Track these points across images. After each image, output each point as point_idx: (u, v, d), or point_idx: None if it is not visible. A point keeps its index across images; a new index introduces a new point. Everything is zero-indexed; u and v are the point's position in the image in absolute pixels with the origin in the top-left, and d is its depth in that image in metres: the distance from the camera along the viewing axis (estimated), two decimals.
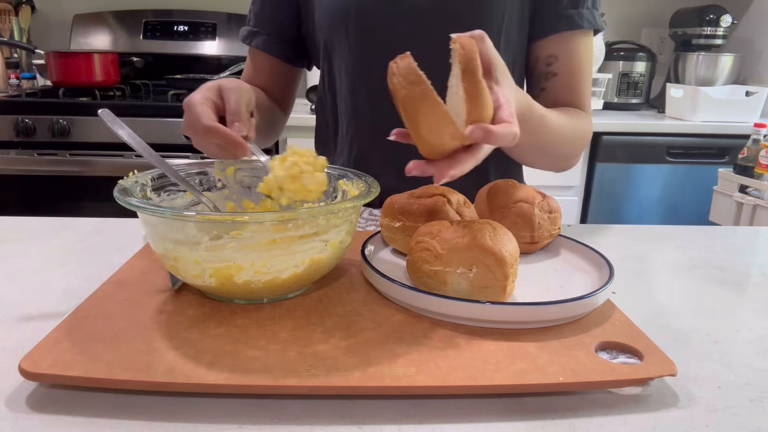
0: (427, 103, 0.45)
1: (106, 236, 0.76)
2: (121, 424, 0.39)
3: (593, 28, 0.81)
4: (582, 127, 0.82)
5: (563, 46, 0.81)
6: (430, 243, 0.53)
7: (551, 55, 0.82)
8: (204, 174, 0.66)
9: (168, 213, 0.48)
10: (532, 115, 0.64)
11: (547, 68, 0.83)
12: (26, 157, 1.85)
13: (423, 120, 0.45)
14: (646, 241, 0.81)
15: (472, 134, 0.45)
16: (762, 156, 1.70)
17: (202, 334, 0.47)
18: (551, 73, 0.83)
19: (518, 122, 0.60)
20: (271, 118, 0.92)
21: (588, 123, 0.84)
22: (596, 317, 0.51)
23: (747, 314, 0.59)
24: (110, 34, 2.34)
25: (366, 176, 0.61)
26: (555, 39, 0.81)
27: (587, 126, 0.84)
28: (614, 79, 2.30)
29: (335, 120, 0.91)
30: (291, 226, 0.49)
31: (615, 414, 0.41)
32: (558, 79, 0.83)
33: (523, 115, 0.60)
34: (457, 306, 0.49)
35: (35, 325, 0.52)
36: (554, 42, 0.81)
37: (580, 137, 0.82)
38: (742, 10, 2.41)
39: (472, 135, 0.45)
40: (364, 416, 0.40)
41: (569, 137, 0.78)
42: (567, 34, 0.80)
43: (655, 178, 2.08)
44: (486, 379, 0.42)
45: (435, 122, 0.45)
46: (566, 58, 0.82)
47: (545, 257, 0.66)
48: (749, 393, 0.44)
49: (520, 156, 0.80)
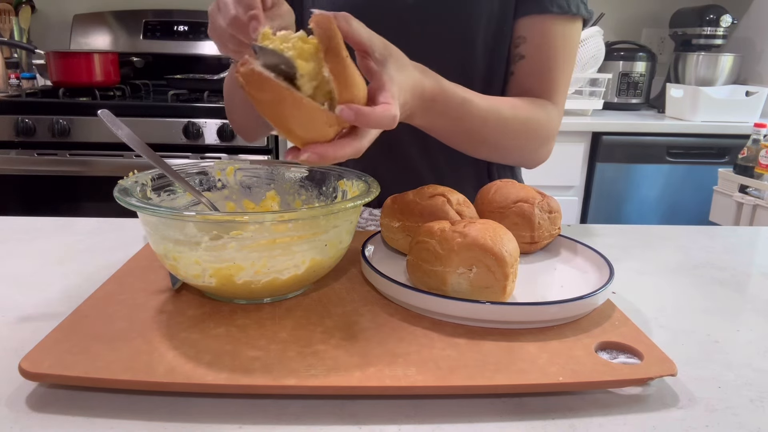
0: (287, 103, 0.41)
1: (106, 236, 0.76)
2: (121, 424, 0.39)
3: (565, 13, 0.75)
4: (537, 118, 0.75)
5: (533, 28, 0.76)
6: (430, 243, 0.53)
7: (520, 36, 0.78)
8: (204, 174, 0.66)
9: (168, 213, 0.48)
10: (448, 98, 0.62)
11: (515, 50, 0.79)
12: (26, 157, 1.85)
13: (292, 121, 0.43)
14: (646, 241, 0.81)
15: (342, 114, 0.42)
16: (762, 156, 1.70)
17: (202, 334, 0.47)
18: (518, 55, 0.78)
19: (424, 104, 0.58)
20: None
21: (550, 115, 0.77)
22: (596, 317, 0.51)
23: (747, 314, 0.59)
24: (110, 34, 2.34)
25: (366, 176, 0.61)
26: (526, 21, 0.77)
27: (546, 118, 0.76)
28: (614, 79, 2.30)
29: None
30: (291, 226, 0.49)
31: (615, 414, 0.41)
32: (525, 63, 0.78)
33: (431, 96, 0.59)
34: (457, 306, 0.49)
35: (35, 325, 0.52)
36: (524, 24, 0.77)
37: (530, 129, 0.75)
38: (742, 10, 2.41)
39: (342, 115, 0.42)
40: (364, 416, 0.40)
41: (512, 127, 0.72)
42: (539, 17, 0.76)
43: (655, 178, 2.08)
44: (486, 379, 0.42)
45: (304, 117, 0.42)
46: (536, 42, 0.77)
47: (545, 257, 0.66)
48: (749, 393, 0.44)
49: (451, 143, 0.74)
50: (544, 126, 0.77)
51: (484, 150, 0.76)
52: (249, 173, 0.68)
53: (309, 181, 0.67)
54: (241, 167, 0.67)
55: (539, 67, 0.77)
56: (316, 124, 0.43)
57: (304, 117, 0.42)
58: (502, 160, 0.83)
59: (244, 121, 0.91)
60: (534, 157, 0.80)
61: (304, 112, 0.42)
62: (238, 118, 0.91)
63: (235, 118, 0.91)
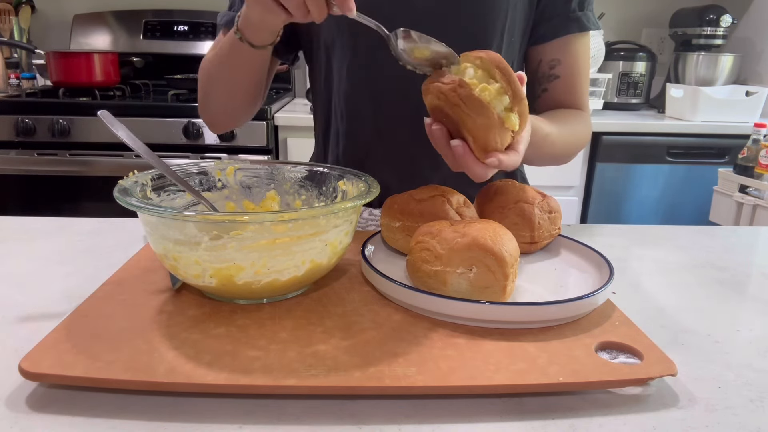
0: (495, 126, 0.52)
1: (106, 236, 0.76)
2: (121, 424, 0.39)
3: (587, 30, 0.83)
4: (583, 131, 0.85)
5: (567, 48, 0.83)
6: (430, 243, 0.53)
7: (555, 58, 0.84)
8: (204, 174, 0.66)
9: (168, 213, 0.48)
10: (537, 135, 0.67)
11: (550, 71, 0.85)
12: (26, 157, 1.85)
13: (487, 136, 0.53)
14: (647, 241, 0.81)
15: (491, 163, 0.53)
16: (762, 156, 1.70)
17: (202, 334, 0.47)
18: (554, 75, 0.85)
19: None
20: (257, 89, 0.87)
21: (588, 124, 0.87)
22: (596, 317, 0.51)
23: (747, 314, 0.59)
24: (110, 34, 2.34)
25: (366, 176, 0.61)
26: (561, 42, 0.83)
27: (587, 128, 0.87)
28: (614, 79, 2.30)
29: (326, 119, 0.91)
30: (291, 226, 0.49)
31: (615, 414, 0.41)
32: (560, 82, 0.85)
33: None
34: (457, 306, 0.49)
35: (35, 325, 0.52)
36: (559, 45, 0.83)
37: (580, 140, 0.85)
38: (742, 10, 2.41)
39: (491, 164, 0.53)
40: (364, 416, 0.40)
41: (571, 144, 0.82)
42: (571, 36, 0.82)
43: (655, 178, 2.08)
44: (486, 379, 0.42)
45: (498, 137, 0.53)
46: (568, 61, 0.84)
47: (545, 257, 0.66)
48: (749, 393, 0.44)
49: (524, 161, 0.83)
50: (587, 133, 0.87)
51: (545, 164, 0.85)
52: (249, 173, 0.68)
53: (309, 181, 0.67)
54: (241, 167, 0.67)
55: (571, 83, 0.85)
56: (504, 142, 0.54)
57: (498, 137, 0.53)
58: (550, 165, 0.89)
59: (223, 108, 0.87)
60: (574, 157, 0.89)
61: (501, 133, 0.53)
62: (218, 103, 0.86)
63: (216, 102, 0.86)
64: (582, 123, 0.85)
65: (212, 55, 0.83)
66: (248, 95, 0.86)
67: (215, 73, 0.82)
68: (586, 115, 0.87)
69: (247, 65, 0.78)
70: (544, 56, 0.85)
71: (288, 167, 0.68)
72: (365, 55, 0.82)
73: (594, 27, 0.83)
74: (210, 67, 0.83)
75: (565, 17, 0.82)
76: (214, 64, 0.82)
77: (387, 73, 0.81)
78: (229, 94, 0.84)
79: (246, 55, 0.74)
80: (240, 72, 0.79)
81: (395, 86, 0.80)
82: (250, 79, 0.82)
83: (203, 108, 0.89)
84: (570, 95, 0.85)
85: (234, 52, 0.75)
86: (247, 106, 0.89)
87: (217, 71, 0.82)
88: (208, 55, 0.85)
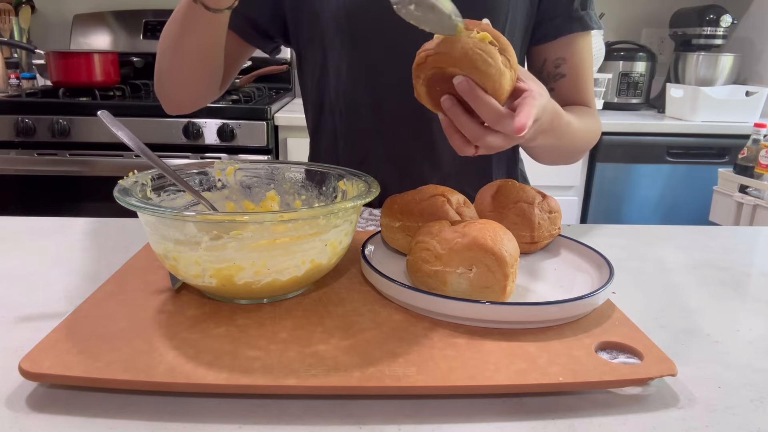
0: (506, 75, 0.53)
1: (106, 236, 0.76)
2: (121, 424, 0.39)
3: (590, 29, 0.84)
4: (594, 126, 0.86)
5: (571, 47, 0.84)
6: (430, 243, 0.53)
7: (560, 57, 0.85)
8: (204, 174, 0.66)
9: (168, 213, 0.48)
10: (561, 119, 0.66)
11: (555, 70, 0.85)
12: (26, 157, 1.85)
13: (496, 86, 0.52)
14: (646, 241, 0.81)
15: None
16: (762, 156, 1.70)
17: (202, 334, 0.47)
18: (560, 74, 0.85)
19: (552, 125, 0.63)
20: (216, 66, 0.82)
21: (597, 120, 0.88)
22: (596, 317, 0.51)
23: (747, 314, 0.59)
24: (110, 34, 2.34)
25: (366, 176, 0.61)
26: (564, 41, 0.83)
27: (598, 124, 0.88)
28: (614, 79, 2.30)
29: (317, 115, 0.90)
30: (291, 226, 0.49)
31: (615, 414, 0.41)
32: (566, 80, 0.86)
33: (551, 121, 0.62)
34: (457, 306, 0.49)
35: (35, 325, 0.52)
36: (563, 44, 0.84)
37: (594, 134, 0.86)
38: (742, 10, 2.41)
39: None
40: (364, 416, 0.40)
41: (587, 139, 0.82)
42: (575, 35, 0.83)
43: (655, 178, 2.08)
44: (486, 379, 0.42)
45: (503, 87, 0.53)
46: (573, 60, 0.85)
47: (545, 257, 0.66)
48: (749, 393, 0.44)
49: (540, 156, 0.83)
50: (599, 128, 0.88)
51: (561, 160, 0.86)
52: (249, 173, 0.68)
53: (309, 181, 0.67)
54: (241, 167, 0.67)
55: (577, 81, 0.86)
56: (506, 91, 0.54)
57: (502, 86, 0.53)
58: (565, 163, 0.89)
59: (175, 81, 0.81)
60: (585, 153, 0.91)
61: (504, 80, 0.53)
62: (170, 75, 0.81)
63: (168, 73, 0.80)
64: (593, 118, 0.86)
65: (168, 21, 0.77)
66: (202, 67, 0.79)
67: (167, 36, 0.77)
68: (595, 112, 0.88)
69: (201, 31, 0.73)
70: (549, 55, 0.85)
71: (288, 167, 0.68)
72: (366, 54, 0.81)
73: (596, 26, 0.84)
74: (163, 33, 0.78)
75: (567, 16, 0.82)
76: (168, 29, 0.77)
77: (387, 73, 0.81)
78: (181, 63, 0.78)
79: (203, 20, 0.70)
80: (192, 37, 0.74)
81: (396, 86, 0.80)
82: (204, 51, 0.76)
83: (156, 79, 0.83)
84: (577, 93, 0.86)
85: (189, 16, 0.71)
86: (200, 82, 0.82)
87: (168, 34, 0.77)
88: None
